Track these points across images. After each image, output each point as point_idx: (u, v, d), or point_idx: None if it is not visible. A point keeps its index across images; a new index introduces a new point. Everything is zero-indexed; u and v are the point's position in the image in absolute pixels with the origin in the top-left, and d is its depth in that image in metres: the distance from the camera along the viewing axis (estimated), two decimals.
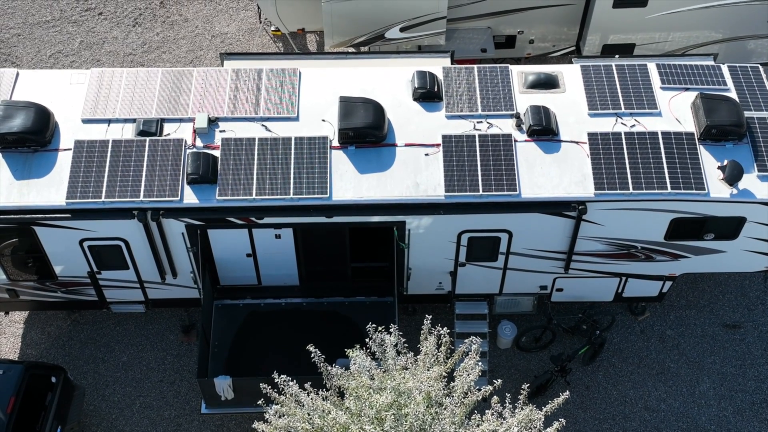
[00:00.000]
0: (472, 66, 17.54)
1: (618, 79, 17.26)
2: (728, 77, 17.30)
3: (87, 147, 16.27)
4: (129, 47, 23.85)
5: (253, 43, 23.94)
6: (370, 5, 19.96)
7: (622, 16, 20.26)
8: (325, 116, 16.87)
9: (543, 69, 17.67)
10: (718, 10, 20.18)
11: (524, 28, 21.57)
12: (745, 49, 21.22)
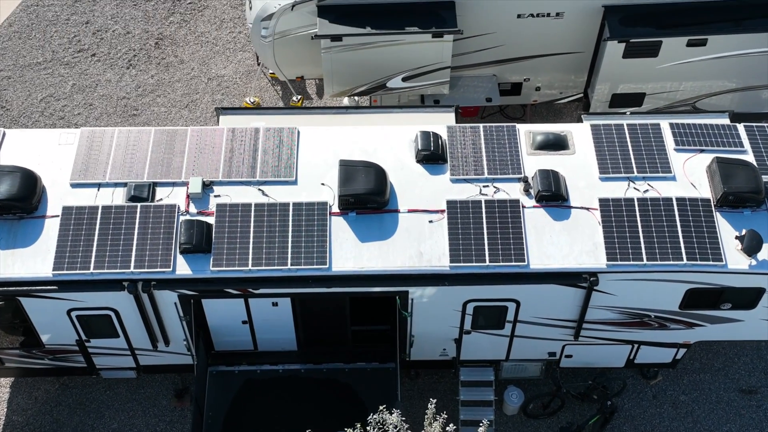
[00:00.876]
0: (478, 125, 16.83)
1: (630, 139, 16.55)
2: (745, 138, 16.59)
3: (75, 214, 15.54)
4: (123, 90, 23.14)
5: (250, 86, 23.24)
6: (371, 55, 19.26)
7: (633, 66, 19.56)
8: (325, 180, 16.15)
9: (551, 128, 16.97)
10: (731, 60, 19.48)
11: (530, 75, 20.87)
12: (759, 98, 20.53)
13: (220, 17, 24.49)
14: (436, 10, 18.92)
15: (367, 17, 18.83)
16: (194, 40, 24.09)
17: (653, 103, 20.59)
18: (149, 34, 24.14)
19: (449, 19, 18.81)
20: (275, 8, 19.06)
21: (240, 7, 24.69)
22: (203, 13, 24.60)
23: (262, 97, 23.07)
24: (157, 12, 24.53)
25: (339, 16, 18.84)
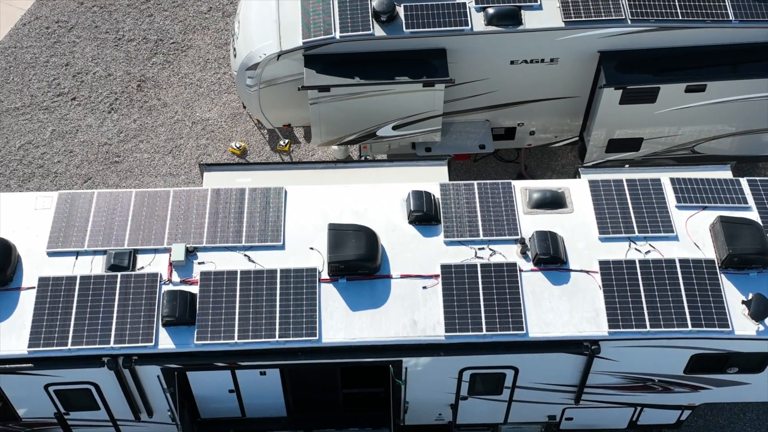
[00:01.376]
0: (472, 183, 16.19)
1: (630, 197, 15.95)
2: (748, 194, 16.01)
3: (52, 285, 14.82)
4: (104, 136, 22.44)
5: (236, 129, 22.56)
6: (360, 105, 18.62)
7: (630, 112, 18.98)
8: (314, 244, 15.49)
9: (548, 185, 16.35)
10: (731, 105, 18.92)
11: (524, 120, 20.27)
12: (759, 141, 19.98)
13: (204, 58, 23.82)
14: (427, 57, 18.29)
15: (356, 66, 18.19)
16: (178, 82, 23.41)
17: (651, 147, 20.02)
18: (131, 77, 23.44)
19: (440, 67, 18.18)
20: (260, 57, 18.40)
21: (224, 47, 24.03)
22: (186, 53, 23.92)
23: (248, 141, 22.40)
24: (139, 53, 23.84)
25: (326, 66, 18.20)
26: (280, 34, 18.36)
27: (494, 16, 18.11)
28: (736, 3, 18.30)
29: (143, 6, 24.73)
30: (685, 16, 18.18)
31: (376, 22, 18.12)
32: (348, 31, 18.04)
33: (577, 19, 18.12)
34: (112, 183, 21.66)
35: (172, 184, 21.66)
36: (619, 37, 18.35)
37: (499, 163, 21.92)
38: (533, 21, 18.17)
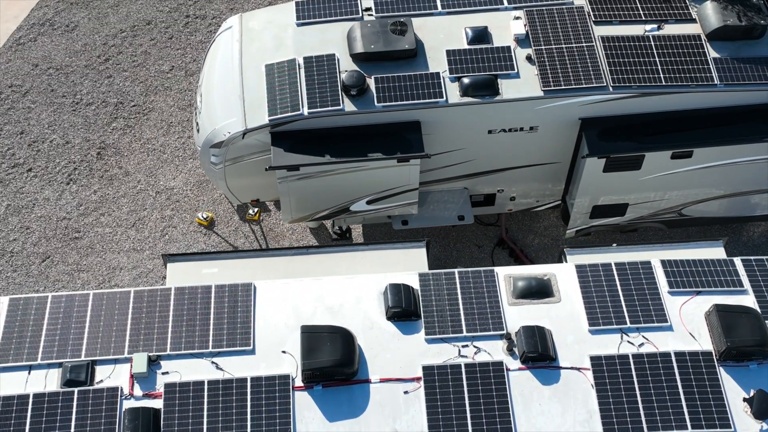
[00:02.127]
0: (453, 272, 15.26)
1: (620, 283, 15.09)
2: (744, 275, 15.19)
3: (2, 406, 13.69)
4: (63, 210, 21.28)
5: (202, 198, 21.49)
6: (332, 182, 17.65)
7: (614, 180, 18.15)
8: (286, 346, 14.47)
9: (533, 271, 15.44)
10: (719, 168, 18.16)
11: (504, 186, 19.38)
12: (749, 203, 19.23)
13: (167, 121, 22.74)
14: (401, 131, 17.35)
15: (326, 143, 17.21)
16: (140, 148, 22.31)
17: (637, 212, 19.21)
18: (90, 144, 22.31)
19: (415, 141, 17.25)
20: (225, 136, 17.36)
21: (188, 108, 22.97)
22: (148, 116, 22.83)
23: (216, 210, 21.33)
24: (98, 117, 22.72)
25: (295, 143, 17.20)
26: (244, 111, 17.34)
27: (470, 87, 17.22)
28: (720, 66, 17.55)
29: (102, 67, 23.63)
30: (668, 81, 17.39)
31: (346, 96, 17.16)
32: (317, 107, 17.06)
33: (557, 88, 17.26)
34: (72, 261, 20.51)
35: (135, 261, 20.55)
36: (600, 104, 17.54)
37: (479, 227, 21.02)
38: (511, 90, 17.29)
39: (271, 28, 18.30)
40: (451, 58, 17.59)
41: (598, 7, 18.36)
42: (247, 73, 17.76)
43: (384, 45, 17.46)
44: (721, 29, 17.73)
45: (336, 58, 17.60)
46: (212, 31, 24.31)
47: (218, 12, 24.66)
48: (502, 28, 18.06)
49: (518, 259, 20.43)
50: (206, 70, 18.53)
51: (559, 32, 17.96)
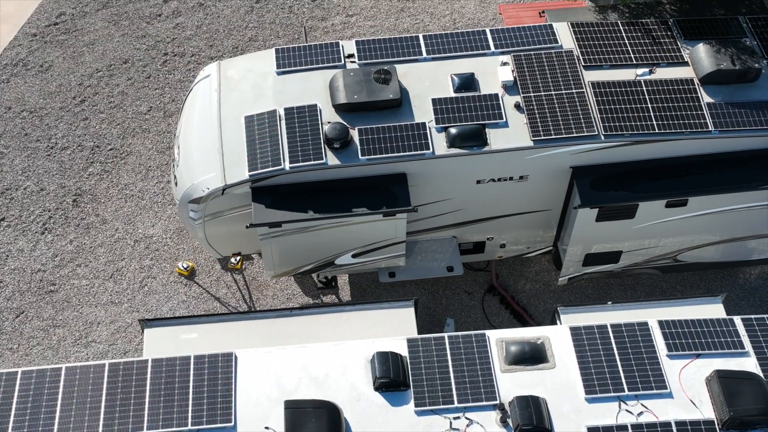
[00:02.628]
0: (443, 336, 14.66)
1: (616, 346, 14.50)
2: (744, 335, 14.63)
3: None
4: (37, 261, 20.54)
5: (183, 247, 20.80)
6: (316, 237, 17.01)
7: (607, 228, 17.59)
8: (269, 421, 13.80)
9: (526, 335, 14.85)
10: (714, 216, 17.64)
11: (494, 234, 18.80)
12: (745, 248, 18.72)
13: (146, 165, 22.04)
14: (386, 184, 16.72)
15: (309, 197, 16.55)
16: (117, 194, 21.59)
17: (631, 259, 18.64)
18: (66, 190, 21.58)
19: (401, 195, 16.62)
20: (204, 192, 16.68)
21: (167, 152, 22.28)
22: (126, 160, 22.12)
23: (196, 259, 20.64)
24: (74, 163, 22.00)
25: (276, 199, 16.54)
26: (224, 166, 16.67)
27: (457, 137, 16.63)
28: (715, 111, 17.02)
29: (77, 108, 22.91)
30: (661, 128, 16.85)
31: (329, 149, 16.54)
32: (299, 161, 16.42)
33: (547, 137, 16.70)
34: (48, 316, 19.77)
35: (113, 314, 19.82)
36: (592, 153, 16.99)
37: (468, 272, 20.40)
38: (500, 141, 16.71)
39: (251, 77, 17.65)
40: (437, 107, 17.00)
41: (587, 51, 17.82)
42: (225, 125, 17.10)
43: (368, 95, 16.85)
44: (715, 73, 17.21)
45: (318, 108, 16.97)
46: (191, 70, 23.63)
47: (197, 49, 23.99)
48: (489, 74, 17.48)
49: (509, 307, 19.84)
50: (184, 121, 17.85)
51: (548, 78, 17.40)
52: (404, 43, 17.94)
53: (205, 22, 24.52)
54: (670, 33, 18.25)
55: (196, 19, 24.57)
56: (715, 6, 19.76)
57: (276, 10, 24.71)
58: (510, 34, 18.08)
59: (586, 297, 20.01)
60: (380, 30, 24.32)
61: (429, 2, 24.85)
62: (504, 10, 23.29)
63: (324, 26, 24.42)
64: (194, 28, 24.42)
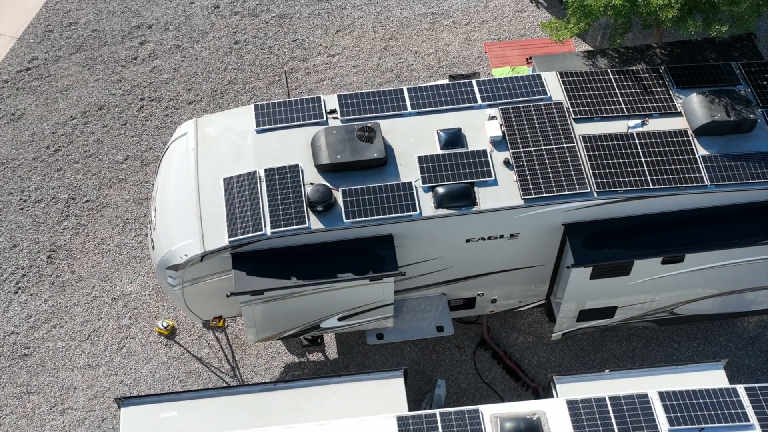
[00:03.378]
0: (434, 414, 14.00)
1: (616, 422, 13.87)
2: (748, 405, 14.05)
3: None
4: (10, 324, 19.73)
5: (162, 304, 20.03)
6: (299, 303, 16.33)
7: (602, 285, 17.00)
8: None
9: (521, 409, 14.22)
10: (711, 271, 17.08)
11: (485, 290, 18.17)
12: (743, 300, 18.16)
13: (123, 217, 21.29)
14: (372, 247, 16.09)
15: (292, 263, 15.88)
16: (93, 249, 20.84)
17: (626, 313, 18.05)
18: (40, 246, 20.80)
19: (388, 258, 15.98)
20: (182, 258, 15.97)
21: (145, 202, 21.54)
22: (102, 213, 21.36)
23: (177, 317, 19.89)
24: (48, 216, 21.22)
25: (258, 265, 15.85)
26: (202, 231, 15.98)
27: (445, 197, 16.01)
28: (710, 165, 16.47)
29: (51, 159, 22.14)
30: (656, 183, 16.29)
31: (312, 212, 15.89)
32: (280, 226, 15.75)
33: (538, 195, 16.10)
34: (22, 382, 18.98)
35: (91, 378, 19.05)
36: (585, 210, 16.41)
37: (459, 326, 19.77)
38: (489, 200, 16.10)
39: (229, 136, 16.97)
40: (423, 165, 16.38)
41: (577, 102, 17.25)
42: (204, 188, 16.41)
43: (351, 154, 16.20)
44: (710, 125, 16.68)
45: (300, 169, 16.31)
46: (169, 115, 22.92)
47: (175, 94, 23.28)
48: (476, 129, 16.88)
49: (502, 361, 19.22)
50: (160, 182, 17.15)
51: (538, 132, 16.81)
52: (388, 97, 17.31)
53: (182, 64, 23.84)
54: (661, 81, 17.71)
55: (174, 62, 23.88)
56: (707, 50, 19.24)
57: (255, 51, 24.05)
58: (497, 85, 17.48)
59: (581, 350, 19.41)
60: (363, 70, 23.70)
61: (413, 40, 24.26)
62: (489, 48, 22.70)
63: (305, 67, 23.78)
64: (171, 71, 23.73)
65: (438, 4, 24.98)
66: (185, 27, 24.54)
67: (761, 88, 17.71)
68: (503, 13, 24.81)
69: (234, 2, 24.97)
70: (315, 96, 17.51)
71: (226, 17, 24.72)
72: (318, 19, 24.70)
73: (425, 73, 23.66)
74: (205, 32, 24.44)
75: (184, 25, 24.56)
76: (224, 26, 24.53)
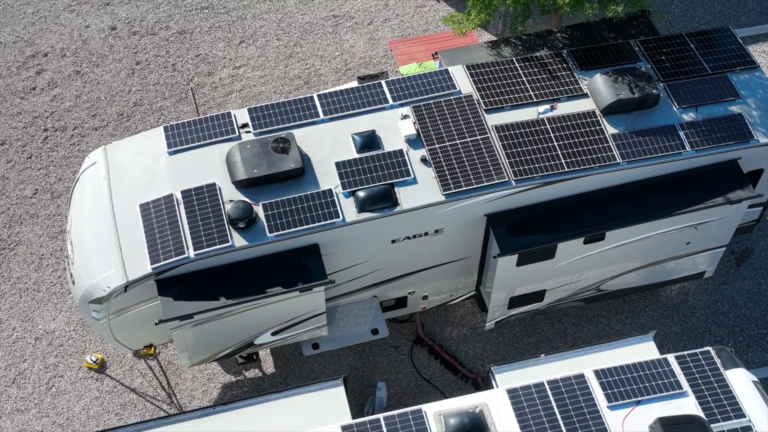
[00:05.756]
0: (378, 419, 13.97)
1: (556, 405, 14.09)
2: (680, 374, 14.44)
3: None
4: None
5: (89, 338, 19.40)
6: (231, 322, 16.07)
7: (529, 271, 17.23)
8: None
9: (463, 403, 14.30)
10: (632, 245, 17.51)
11: (415, 288, 18.23)
12: (664, 269, 18.67)
13: (38, 253, 20.60)
14: (299, 258, 15.95)
15: (219, 283, 15.62)
16: (10, 289, 20.08)
17: (555, 295, 18.34)
18: None
19: (316, 267, 15.86)
20: (104, 291, 15.53)
21: (60, 236, 20.90)
22: (16, 251, 20.62)
23: (106, 350, 19.37)
24: None
25: (184, 289, 15.53)
26: (123, 261, 15.58)
27: (366, 201, 15.97)
28: (620, 142, 16.85)
29: None
30: (570, 166, 16.58)
31: (234, 230, 15.66)
32: (203, 247, 15.46)
33: (458, 190, 16.22)
34: None
35: (21, 423, 18.38)
36: (505, 199, 16.60)
37: (393, 326, 19.76)
38: (410, 199, 16.14)
39: (141, 160, 16.59)
40: (341, 171, 16.31)
41: (487, 93, 17.43)
42: (120, 216, 15.99)
43: (268, 167, 16.02)
44: (616, 104, 17.06)
45: (217, 187, 16.05)
46: (75, 144, 22.27)
47: (80, 121, 22.64)
48: (390, 129, 16.90)
49: (439, 356, 19.31)
50: (73, 215, 16.64)
51: (451, 127, 16.93)
52: (299, 106, 17.18)
53: (84, 90, 23.19)
54: (565, 65, 18.05)
55: (75, 89, 23.21)
56: (605, 30, 19.69)
57: (159, 70, 23.57)
58: (407, 84, 17.53)
59: (515, 336, 19.65)
60: (270, 79, 23.47)
61: (317, 45, 24.15)
62: (394, 46, 22.76)
63: (212, 82, 23.41)
64: (73, 98, 23.06)
65: (339, 6, 24.93)
66: (83, 52, 23.89)
67: (660, 63, 18.23)
68: (404, 9, 24.92)
69: (131, 22, 24.43)
70: (225, 112, 17.26)
71: (125, 38, 24.16)
72: (219, 31, 24.37)
73: (333, 77, 23.60)
74: (105, 55, 23.84)
75: (81, 50, 23.92)
76: (123, 47, 23.98)
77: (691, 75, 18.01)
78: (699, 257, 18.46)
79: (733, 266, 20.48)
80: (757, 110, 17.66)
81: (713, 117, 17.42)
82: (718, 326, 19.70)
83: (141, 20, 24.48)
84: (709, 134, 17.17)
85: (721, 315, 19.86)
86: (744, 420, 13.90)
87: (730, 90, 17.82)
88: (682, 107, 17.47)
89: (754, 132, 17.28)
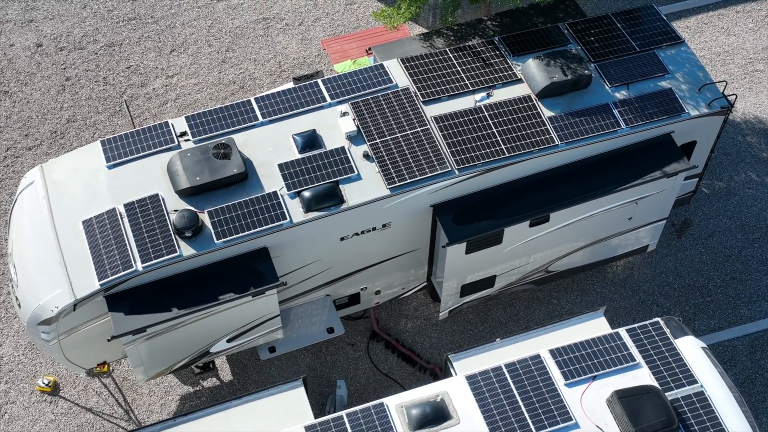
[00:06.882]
0: (341, 416, 13.99)
1: (515, 387, 14.29)
2: (632, 346, 14.78)
3: None
4: None
5: (39, 361, 19.04)
6: (185, 332, 15.92)
7: (478, 258, 17.42)
8: None
9: (424, 393, 14.41)
10: (576, 224, 17.82)
11: (367, 283, 18.28)
12: (609, 246, 19.05)
13: None
14: (249, 262, 15.87)
15: (170, 294, 15.46)
16: None
17: (506, 279, 18.59)
18: None
19: (267, 271, 15.80)
20: (53, 311, 15.26)
21: (2, 259, 20.43)
22: None
23: (58, 372, 19.02)
24: None
25: (135, 303, 15.34)
26: (69, 279, 15.31)
27: (312, 200, 15.98)
28: (557, 124, 17.15)
29: None
30: (511, 151, 16.81)
31: (181, 239, 15.51)
32: (151, 259, 15.29)
33: (402, 183, 16.31)
34: None
35: None
36: (449, 188, 16.76)
37: (348, 323, 19.77)
38: (356, 195, 16.18)
39: (80, 177, 16.32)
40: (285, 173, 16.28)
41: (423, 85, 17.56)
42: (63, 234, 15.72)
43: (210, 174, 15.91)
44: (550, 87, 17.35)
45: (160, 198, 15.88)
46: (9, 165, 21.80)
47: (12, 142, 22.15)
48: (331, 127, 16.92)
49: (396, 350, 19.42)
50: (14, 237, 16.31)
51: (391, 121, 17.02)
52: (237, 110, 17.09)
53: (14, 110, 22.70)
54: (498, 52, 18.29)
55: (4, 109, 22.69)
56: (534, 15, 20.00)
57: (90, 84, 23.19)
58: (343, 81, 17.57)
59: (469, 323, 19.86)
60: (205, 86, 23.28)
61: (250, 49, 24.02)
62: (327, 45, 22.75)
63: (145, 93, 23.12)
64: (3, 119, 22.55)
65: (268, 8, 24.83)
66: (9, 71, 23.38)
67: (590, 44, 18.58)
68: (334, 8, 24.93)
69: (57, 38, 23.98)
70: (162, 122, 17.08)
71: (52, 54, 23.72)
72: (149, 42, 24.07)
73: (268, 80, 23.50)
74: (32, 73, 23.37)
75: (7, 69, 23.40)
76: (51, 64, 23.54)
77: (620, 54, 18.42)
78: (641, 231, 18.89)
79: (675, 238, 21.01)
80: (685, 84, 18.13)
81: (644, 93, 17.84)
82: (664, 297, 20.19)
83: (67, 35, 24.05)
84: (642, 110, 17.58)
85: (666, 286, 20.36)
86: (696, 386, 14.30)
87: (659, 66, 18.28)
88: (614, 86, 17.85)
89: (685, 105, 17.75)
